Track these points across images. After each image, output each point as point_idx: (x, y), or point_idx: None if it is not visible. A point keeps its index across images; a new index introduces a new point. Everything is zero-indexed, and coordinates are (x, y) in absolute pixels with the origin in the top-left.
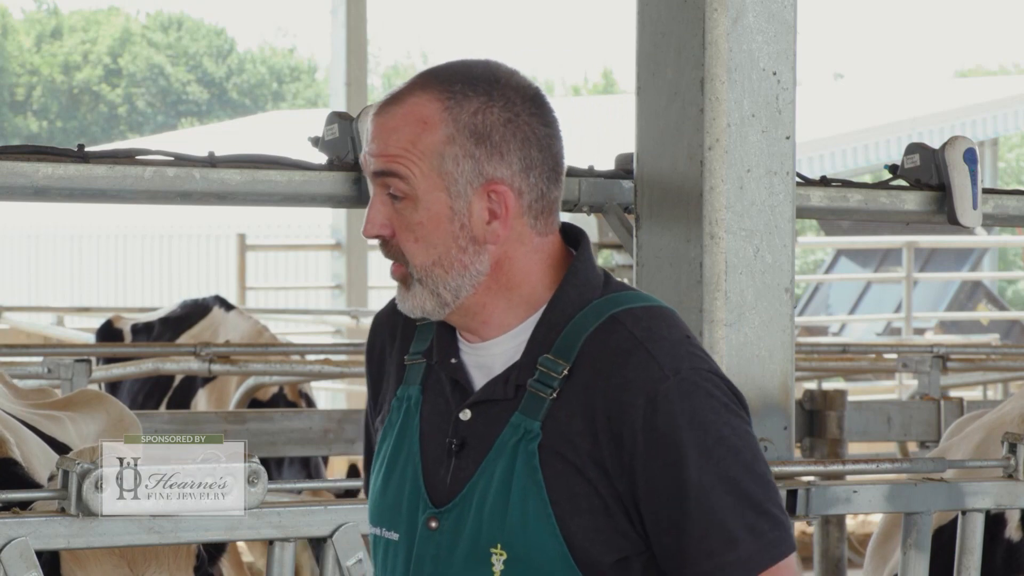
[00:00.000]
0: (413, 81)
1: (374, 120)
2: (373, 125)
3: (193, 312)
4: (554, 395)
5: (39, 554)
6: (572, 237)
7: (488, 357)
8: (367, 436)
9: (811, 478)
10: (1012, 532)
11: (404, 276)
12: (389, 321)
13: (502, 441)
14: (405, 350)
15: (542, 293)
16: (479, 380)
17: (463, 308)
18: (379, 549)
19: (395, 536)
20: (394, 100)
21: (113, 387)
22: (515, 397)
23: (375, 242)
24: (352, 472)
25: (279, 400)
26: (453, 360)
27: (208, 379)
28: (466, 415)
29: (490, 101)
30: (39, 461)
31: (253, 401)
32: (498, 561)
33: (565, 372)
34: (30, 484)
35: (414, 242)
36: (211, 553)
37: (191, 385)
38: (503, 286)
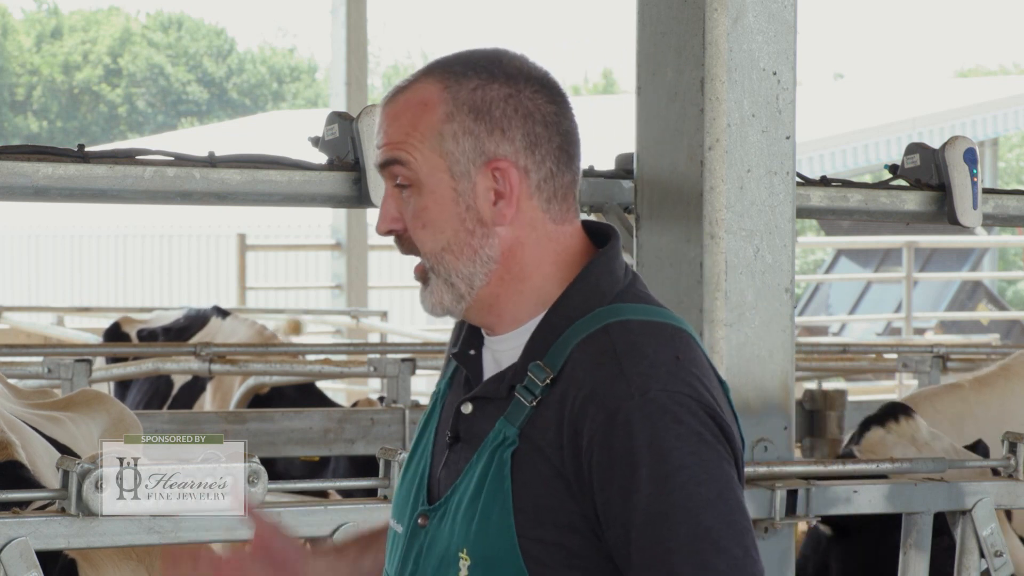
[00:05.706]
0: (419, 70)
1: (380, 111)
2: (380, 116)
3: (194, 323)
4: (534, 403)
5: (54, 558)
6: (602, 236)
7: (499, 352)
8: None
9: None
10: None
11: (423, 272)
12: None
13: (485, 443)
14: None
15: (552, 290)
16: (489, 375)
17: (479, 302)
18: (389, 542)
19: (400, 529)
20: (400, 88)
21: (120, 393)
22: (507, 398)
23: (375, 242)
24: (362, 471)
25: (282, 391)
26: (472, 352)
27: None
28: (467, 408)
29: (491, 78)
30: (44, 463)
31: (255, 397)
32: (464, 567)
33: (548, 380)
34: (35, 487)
35: (422, 228)
36: None
37: (189, 395)
38: (515, 276)
